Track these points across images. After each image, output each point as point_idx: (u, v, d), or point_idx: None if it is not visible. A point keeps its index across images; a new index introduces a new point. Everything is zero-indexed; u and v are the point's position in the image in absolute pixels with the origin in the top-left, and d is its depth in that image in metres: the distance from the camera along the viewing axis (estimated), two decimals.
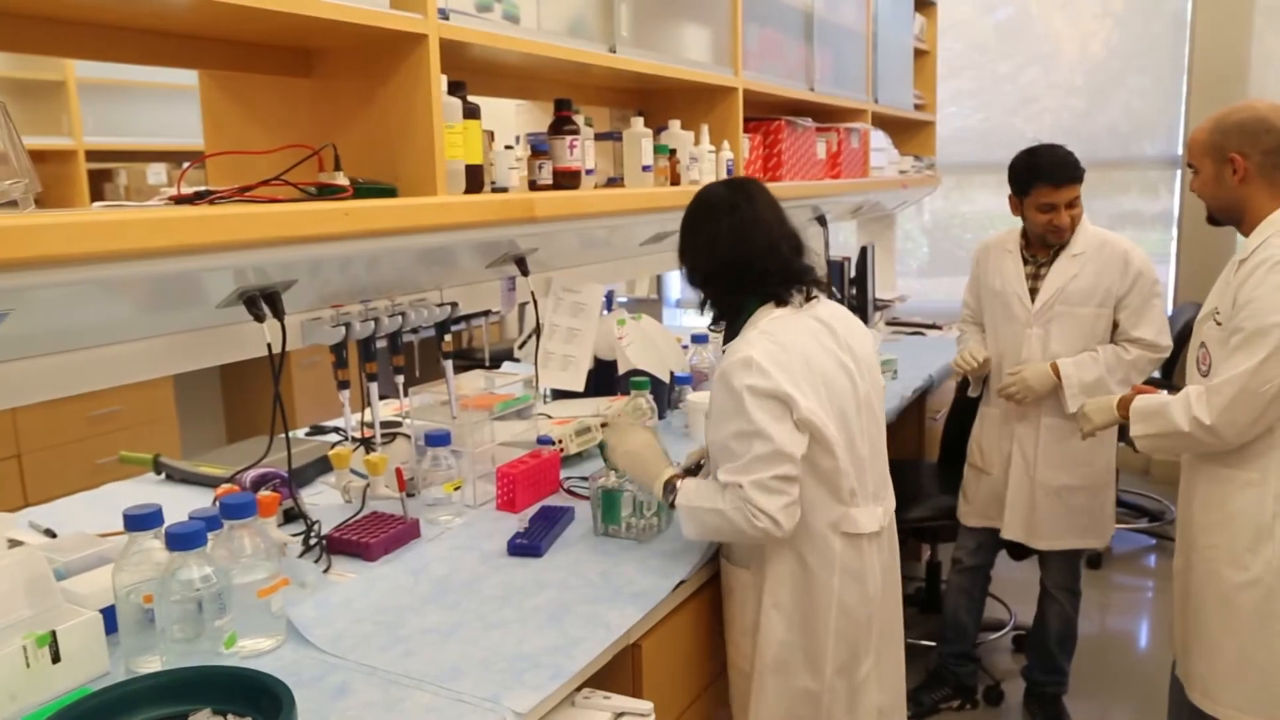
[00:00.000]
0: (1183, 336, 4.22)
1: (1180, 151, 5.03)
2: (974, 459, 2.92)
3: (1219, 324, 2.04)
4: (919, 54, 4.76)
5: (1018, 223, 2.84)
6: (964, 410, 3.16)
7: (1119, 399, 2.26)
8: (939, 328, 4.57)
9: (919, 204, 5.60)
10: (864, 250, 4.04)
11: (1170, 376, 4.28)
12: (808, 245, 1.91)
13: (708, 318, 1.94)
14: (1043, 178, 2.66)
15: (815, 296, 1.86)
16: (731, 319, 1.88)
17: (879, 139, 4.03)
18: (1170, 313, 4.93)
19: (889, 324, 4.52)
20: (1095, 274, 2.68)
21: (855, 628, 1.83)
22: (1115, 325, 2.70)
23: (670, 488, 1.82)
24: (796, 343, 1.75)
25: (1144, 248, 2.80)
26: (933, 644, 3.27)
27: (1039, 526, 2.79)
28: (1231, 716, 2.07)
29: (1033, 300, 2.73)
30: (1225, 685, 2.08)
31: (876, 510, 1.85)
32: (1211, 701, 2.11)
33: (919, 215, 5.82)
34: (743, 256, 1.81)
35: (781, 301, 1.81)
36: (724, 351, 1.81)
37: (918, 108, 4.73)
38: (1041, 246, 2.76)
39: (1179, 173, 5.07)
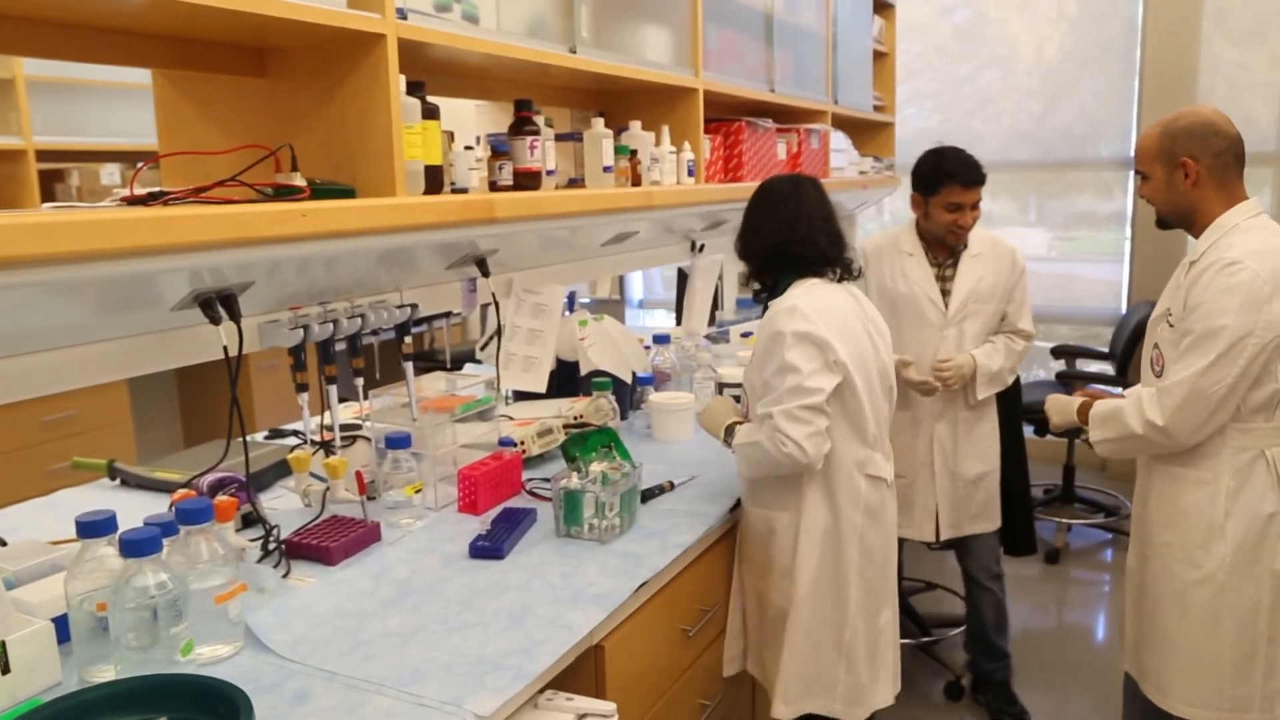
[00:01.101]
0: (1136, 336, 4.30)
1: (1132, 153, 5.11)
2: None
3: (1171, 325, 2.07)
4: (878, 56, 4.80)
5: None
6: None
7: (1079, 406, 2.29)
8: None
9: (879, 204, 5.65)
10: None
11: (1125, 374, 4.36)
12: (848, 241, 2.19)
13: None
14: (954, 178, 2.73)
15: (845, 279, 2.14)
16: (771, 290, 2.14)
17: (839, 140, 4.06)
18: (1124, 312, 5.01)
19: None
20: (994, 273, 2.80)
21: (873, 570, 2.09)
22: (1001, 318, 2.87)
23: (730, 430, 2.13)
24: (832, 301, 2.04)
25: (1099, 247, 2.88)
26: (906, 641, 3.30)
27: (963, 518, 2.89)
28: (1184, 710, 2.11)
29: (945, 302, 2.80)
30: (1178, 680, 2.12)
31: (888, 464, 2.13)
32: (1165, 696, 2.14)
33: (879, 215, 5.87)
34: (782, 242, 2.09)
35: (817, 275, 2.09)
36: (767, 308, 2.11)
37: (877, 109, 4.77)
38: (942, 247, 2.82)
39: (1131, 174, 5.15)
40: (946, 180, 2.72)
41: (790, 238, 2.08)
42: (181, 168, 1.77)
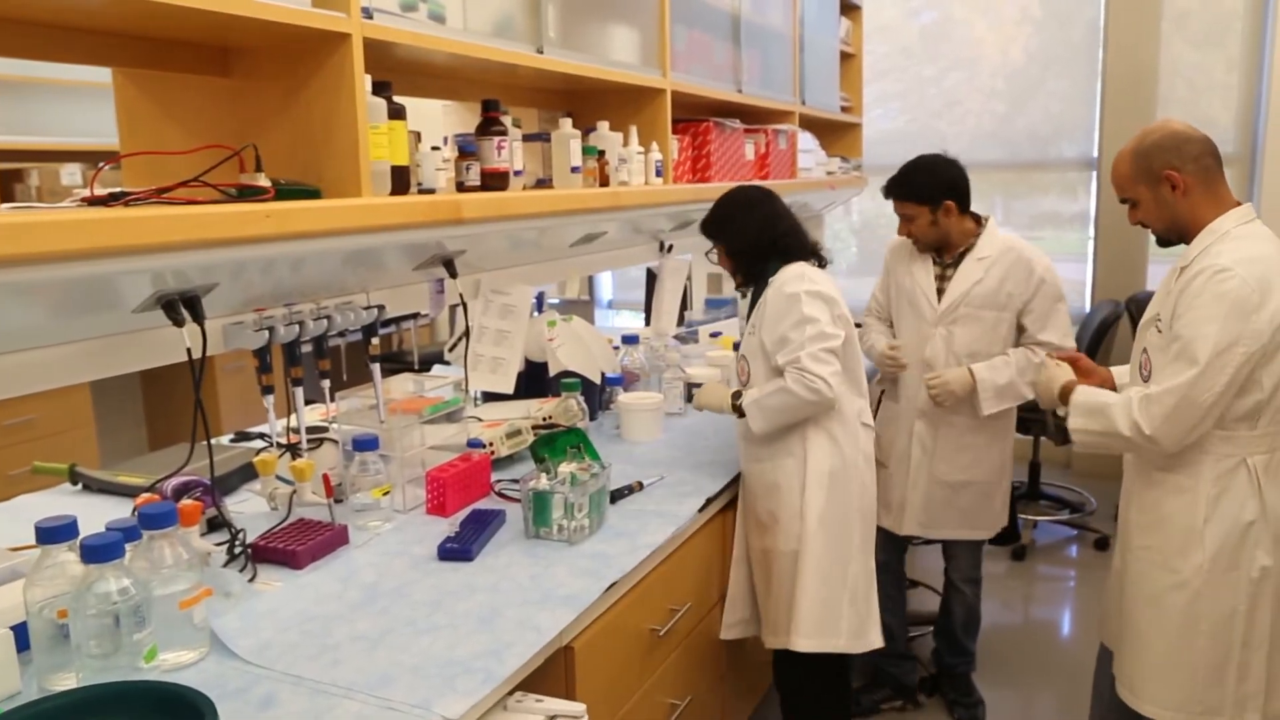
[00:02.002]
0: (1100, 334, 4.36)
1: (1096, 154, 5.18)
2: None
3: (1160, 331, 2.05)
4: (845, 57, 4.83)
5: None
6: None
7: (1062, 385, 2.29)
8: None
9: (847, 205, 5.69)
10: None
11: None
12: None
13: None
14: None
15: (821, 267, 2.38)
16: (759, 277, 2.34)
17: (806, 140, 4.08)
18: (1087, 310, 5.08)
19: None
20: (999, 279, 2.74)
21: (868, 511, 2.32)
22: (1022, 329, 2.78)
23: (737, 395, 2.31)
24: (821, 275, 2.31)
25: (1063, 247, 2.87)
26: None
27: (935, 519, 2.88)
28: (1154, 712, 2.11)
29: (940, 300, 2.80)
30: (1150, 683, 2.12)
31: (870, 414, 2.39)
32: (1136, 697, 2.15)
33: (847, 216, 5.90)
34: (772, 235, 2.32)
35: (803, 260, 2.33)
36: (752, 297, 2.38)
37: (844, 110, 4.80)
38: (949, 248, 2.82)
39: (1095, 174, 5.22)
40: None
41: (776, 232, 2.32)
42: (143, 168, 1.74)
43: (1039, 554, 4.32)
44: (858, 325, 2.58)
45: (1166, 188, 2.04)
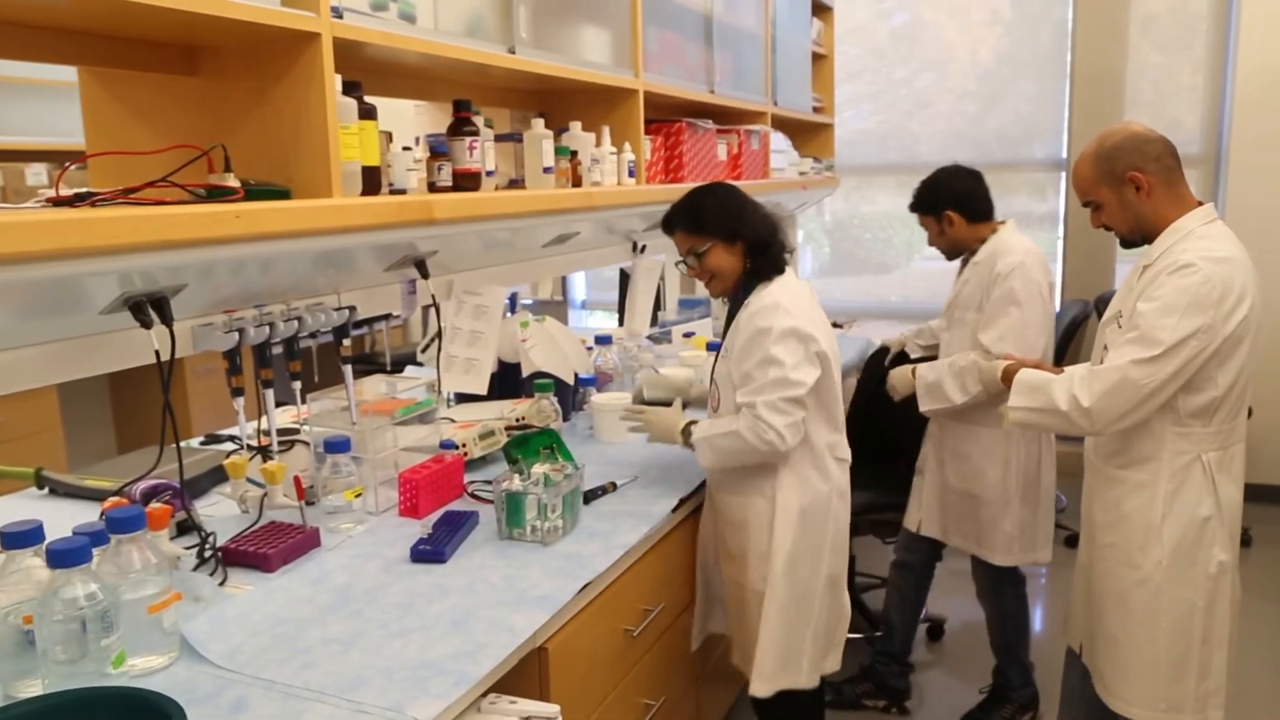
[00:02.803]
0: (1069, 333, 4.40)
1: (1065, 155, 5.24)
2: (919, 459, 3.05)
3: (1120, 327, 2.07)
4: (817, 58, 4.86)
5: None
6: (871, 405, 3.23)
7: (1004, 369, 2.33)
8: (840, 326, 4.67)
9: (820, 205, 5.71)
10: None
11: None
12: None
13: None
14: None
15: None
16: (771, 274, 2.17)
17: (779, 141, 4.09)
18: (1056, 310, 5.12)
19: None
20: (978, 282, 2.77)
21: (842, 544, 2.24)
22: None
23: (687, 431, 2.21)
24: (806, 295, 2.17)
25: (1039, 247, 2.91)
26: (855, 635, 3.34)
27: (949, 526, 2.91)
28: (1123, 709, 2.14)
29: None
30: (1121, 679, 2.15)
31: (848, 447, 2.26)
32: (1109, 694, 2.18)
33: (820, 216, 5.93)
34: (768, 231, 2.18)
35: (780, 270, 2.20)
36: (731, 305, 2.21)
37: (816, 110, 4.82)
38: (964, 255, 2.93)
39: (1064, 175, 5.27)
40: None
41: (774, 225, 2.20)
42: (110, 168, 1.72)
43: None
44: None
45: (1130, 189, 2.07)
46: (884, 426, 3.17)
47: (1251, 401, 4.34)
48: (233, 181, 1.55)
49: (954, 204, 2.83)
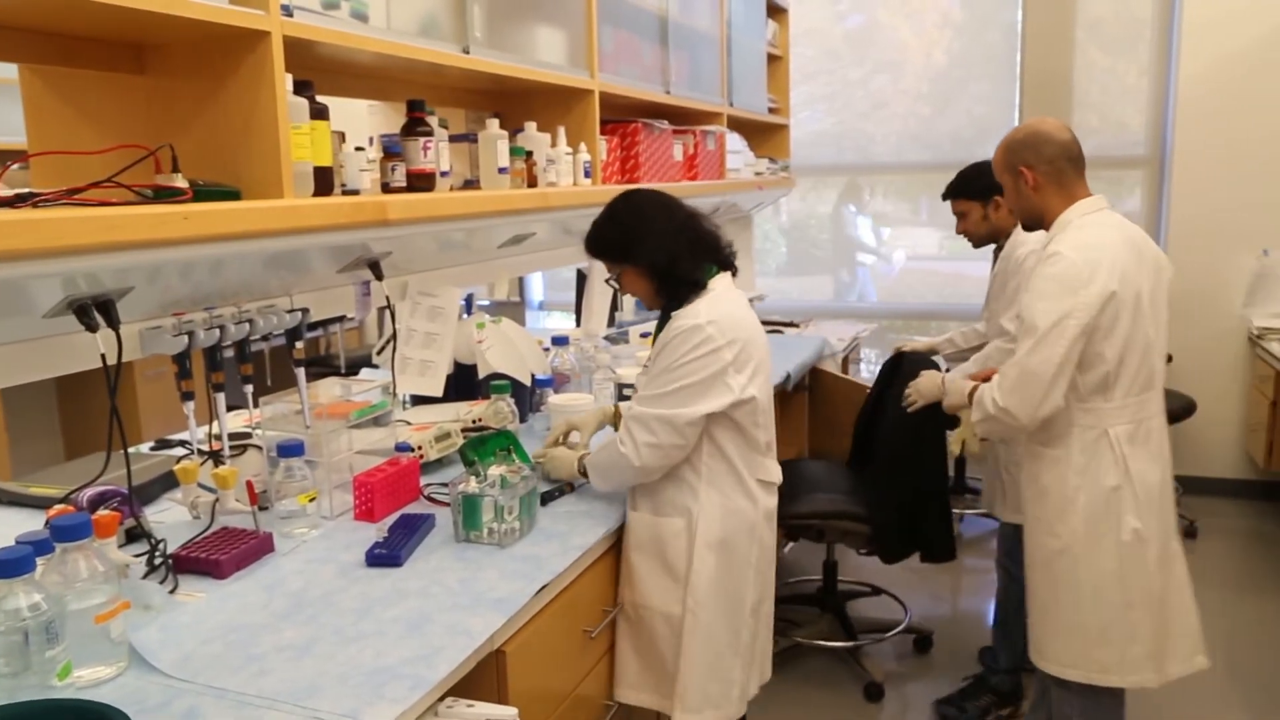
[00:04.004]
0: None
1: None
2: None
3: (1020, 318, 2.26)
4: (772, 59, 4.88)
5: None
6: (875, 411, 3.24)
7: (968, 391, 2.40)
8: (797, 325, 4.70)
9: (776, 205, 5.75)
10: None
11: None
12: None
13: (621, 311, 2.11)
14: None
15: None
16: (688, 294, 2.04)
17: (735, 141, 4.11)
18: None
19: None
20: (1002, 271, 2.93)
21: (768, 568, 2.15)
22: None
23: (581, 462, 2.15)
24: (737, 313, 2.03)
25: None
26: (830, 643, 3.38)
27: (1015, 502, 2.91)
28: (1056, 670, 2.30)
29: None
30: (1050, 643, 2.30)
31: (778, 468, 2.18)
32: (1043, 658, 2.33)
33: (777, 216, 5.97)
34: (700, 236, 2.09)
35: (732, 268, 2.13)
36: (671, 317, 2.05)
37: (772, 111, 4.85)
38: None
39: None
40: None
41: (704, 227, 2.11)
42: (53, 168, 1.69)
43: (966, 547, 4.40)
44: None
45: (1022, 181, 2.28)
46: (873, 435, 3.20)
47: (1195, 397, 4.43)
48: (181, 182, 1.52)
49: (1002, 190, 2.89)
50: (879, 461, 3.12)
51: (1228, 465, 4.85)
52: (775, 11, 4.90)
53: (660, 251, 2.03)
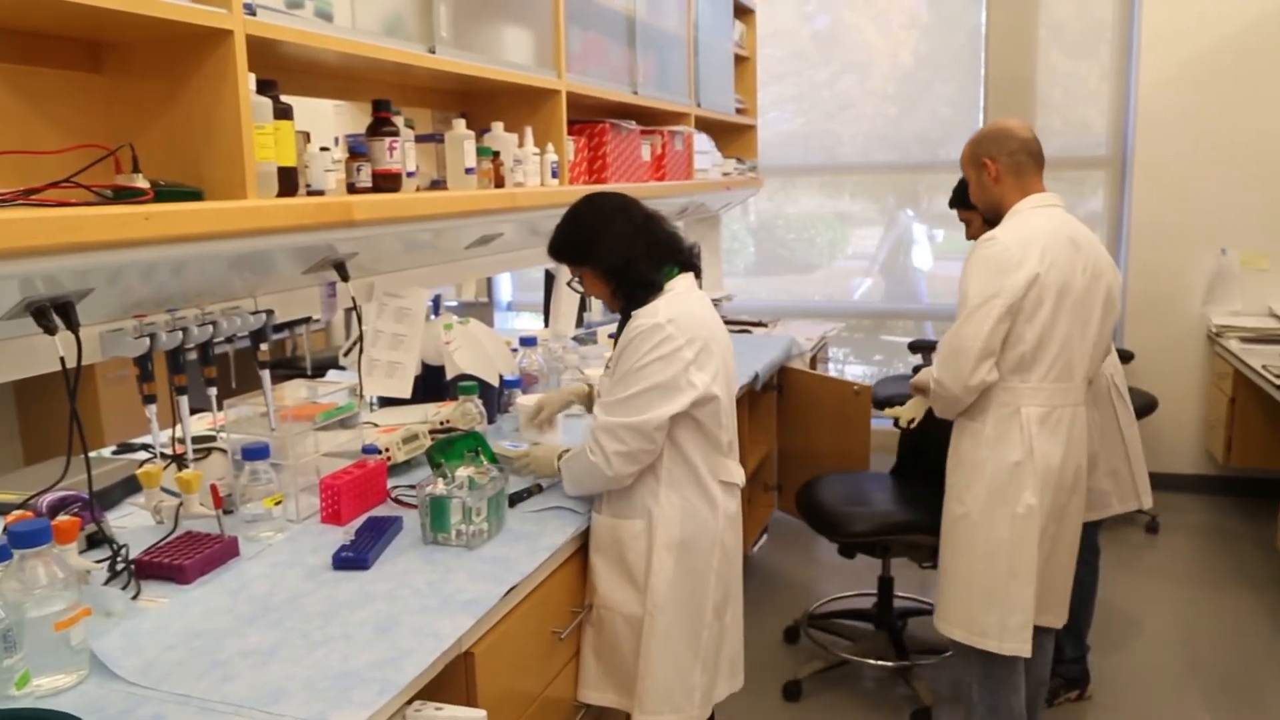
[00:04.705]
0: None
1: None
2: None
3: None
4: (739, 60, 4.90)
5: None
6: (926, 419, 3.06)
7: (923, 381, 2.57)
8: (765, 325, 4.72)
9: (745, 205, 5.77)
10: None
11: None
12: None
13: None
14: None
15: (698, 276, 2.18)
16: (645, 295, 2.04)
17: (702, 142, 4.12)
18: None
19: None
20: None
21: (730, 571, 2.13)
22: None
23: (560, 457, 2.15)
24: (697, 312, 2.05)
25: (954, 246, 3.00)
26: (882, 662, 3.23)
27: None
28: (947, 630, 2.47)
29: None
30: (952, 608, 2.46)
31: (740, 469, 2.17)
32: (944, 623, 2.48)
33: (745, 216, 5.99)
34: (658, 238, 2.09)
35: (693, 268, 2.13)
36: (631, 317, 2.04)
37: (740, 112, 4.86)
38: None
39: None
40: None
41: (661, 229, 2.10)
42: (10, 168, 1.65)
43: None
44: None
45: (985, 173, 2.44)
46: (926, 447, 2.98)
47: (1156, 394, 4.49)
48: (141, 182, 1.50)
49: None
50: (937, 471, 2.83)
51: (1188, 461, 4.93)
52: (742, 12, 4.92)
53: (617, 253, 2.04)
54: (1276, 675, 3.19)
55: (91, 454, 1.70)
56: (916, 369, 4.75)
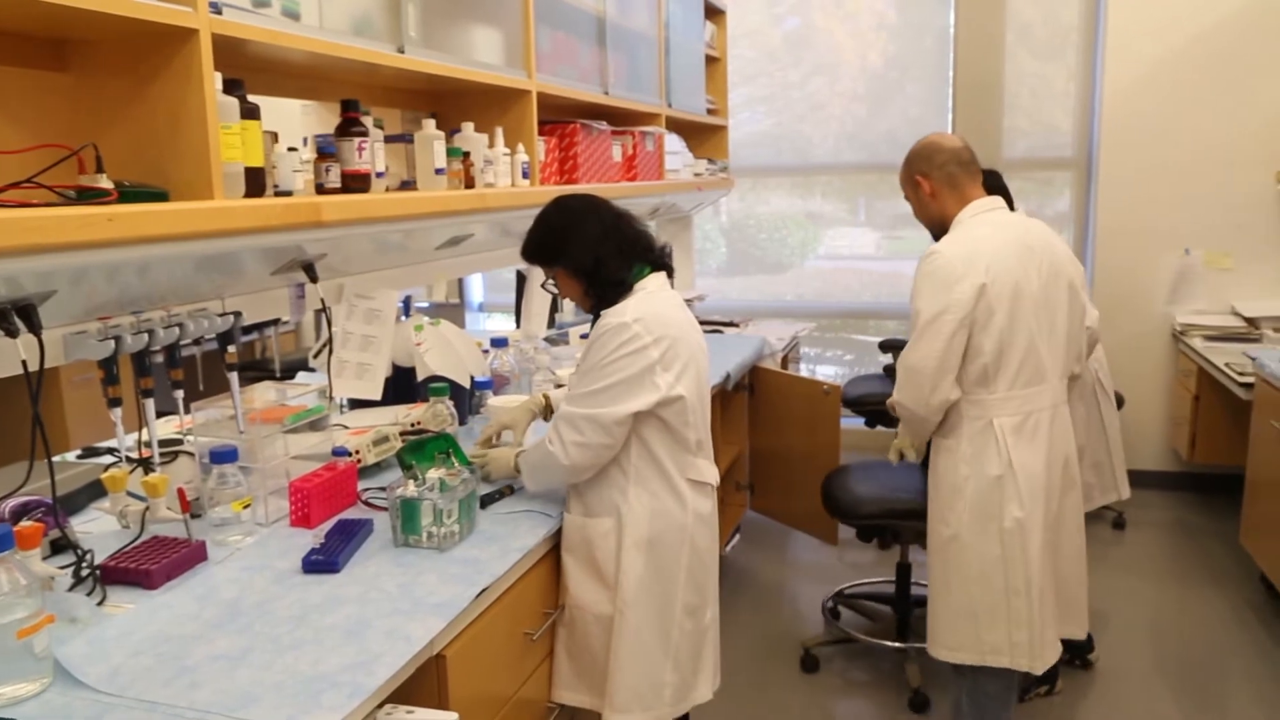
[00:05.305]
0: None
1: None
2: None
3: None
4: (710, 60, 4.91)
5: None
6: None
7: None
8: (737, 325, 4.73)
9: (716, 205, 5.78)
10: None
11: None
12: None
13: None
14: None
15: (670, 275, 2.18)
16: (616, 294, 2.06)
17: (673, 142, 4.13)
18: None
19: None
20: None
21: (703, 571, 2.11)
22: None
23: (517, 460, 2.15)
24: (667, 311, 2.04)
25: (923, 246, 2.98)
26: (876, 641, 3.35)
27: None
28: (948, 655, 2.40)
29: None
30: (942, 629, 2.41)
31: (713, 468, 2.16)
32: (935, 645, 2.43)
33: (717, 216, 6.00)
34: (628, 237, 2.08)
35: (665, 268, 2.13)
36: (600, 315, 2.05)
37: (710, 112, 4.87)
38: None
39: None
40: None
41: (631, 229, 2.10)
42: None
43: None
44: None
45: (921, 190, 2.43)
46: None
47: (1122, 392, 4.54)
48: (105, 183, 1.49)
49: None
50: None
51: (1153, 458, 4.99)
52: (713, 13, 4.93)
53: (588, 254, 2.05)
54: (1240, 668, 3.24)
55: (55, 458, 1.68)
56: (886, 368, 4.81)
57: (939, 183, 2.39)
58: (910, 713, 3.01)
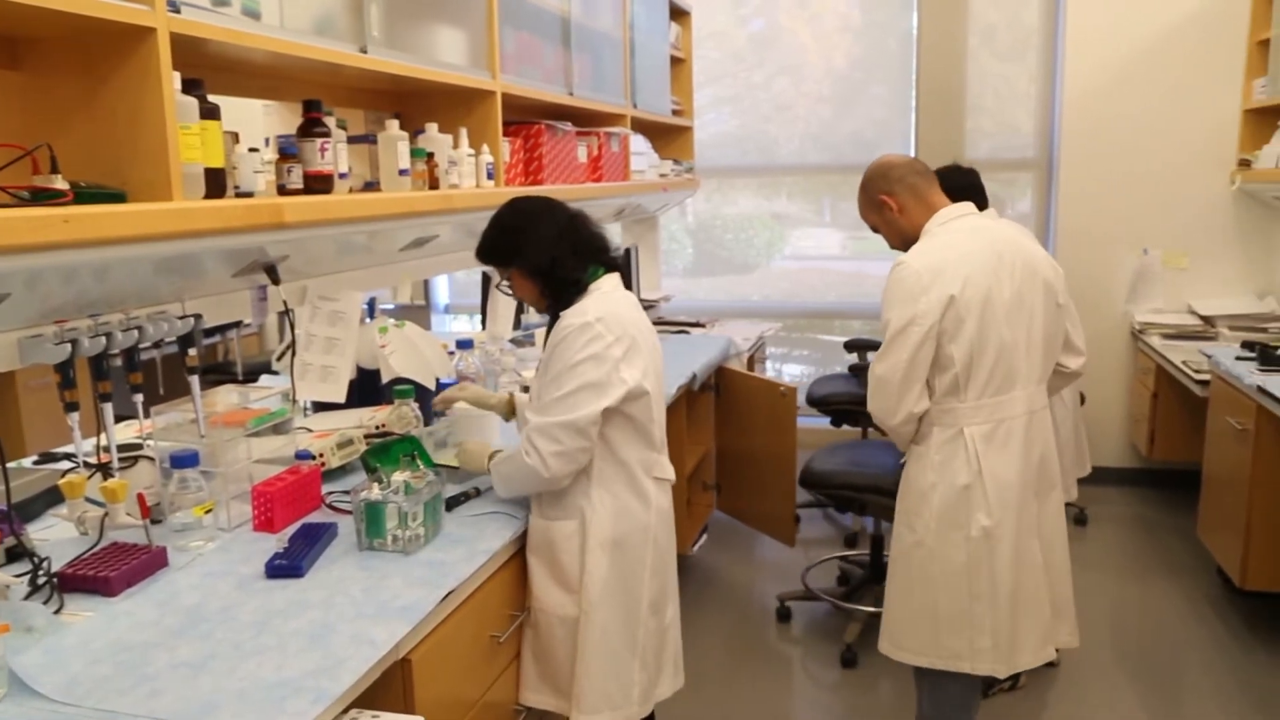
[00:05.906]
0: None
1: (913, 156, 5.46)
2: None
3: None
4: (675, 61, 4.92)
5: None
6: None
7: None
8: (703, 325, 4.74)
9: (682, 206, 5.79)
10: (627, 252, 4.13)
11: None
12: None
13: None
14: None
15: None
16: (572, 295, 2.06)
17: (639, 143, 4.13)
18: None
19: (655, 324, 4.64)
20: None
21: (665, 568, 2.13)
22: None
23: (493, 458, 2.12)
24: (624, 311, 2.04)
25: (884, 247, 2.99)
26: (824, 594, 3.63)
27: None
28: (909, 659, 2.40)
29: None
30: (904, 633, 2.40)
31: (669, 465, 2.17)
32: (894, 647, 2.42)
33: (683, 217, 6.01)
34: (583, 238, 2.08)
35: (619, 269, 2.13)
36: (559, 317, 2.03)
37: (676, 113, 4.88)
38: None
39: None
40: None
41: (585, 230, 2.10)
42: None
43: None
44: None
45: (888, 210, 2.39)
46: None
47: (1083, 390, 4.60)
48: (61, 184, 1.46)
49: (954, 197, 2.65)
50: None
51: (1114, 455, 5.07)
52: (678, 14, 4.95)
53: (542, 254, 2.04)
54: (1198, 660, 3.29)
55: (11, 464, 1.65)
56: (852, 368, 4.84)
57: (904, 196, 2.36)
58: (841, 668, 3.25)
